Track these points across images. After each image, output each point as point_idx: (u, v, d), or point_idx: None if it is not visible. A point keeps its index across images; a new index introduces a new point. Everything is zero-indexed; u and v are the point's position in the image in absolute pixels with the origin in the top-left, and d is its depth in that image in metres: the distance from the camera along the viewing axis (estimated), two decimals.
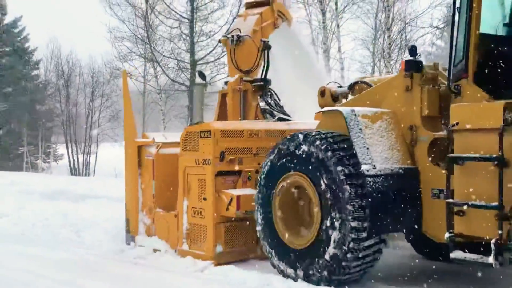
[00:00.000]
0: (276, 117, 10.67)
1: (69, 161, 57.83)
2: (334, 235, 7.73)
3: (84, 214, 14.51)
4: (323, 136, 8.00)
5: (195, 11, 36.61)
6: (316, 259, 7.96)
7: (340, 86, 9.83)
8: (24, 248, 11.07)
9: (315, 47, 38.27)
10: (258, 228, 8.83)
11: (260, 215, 8.79)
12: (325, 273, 7.88)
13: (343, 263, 7.74)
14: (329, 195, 7.78)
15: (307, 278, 8.08)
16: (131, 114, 11.15)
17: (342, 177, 7.64)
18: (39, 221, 13.91)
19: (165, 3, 36.82)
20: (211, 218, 9.42)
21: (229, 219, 9.47)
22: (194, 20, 36.83)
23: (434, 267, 9.11)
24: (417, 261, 9.61)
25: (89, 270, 9.36)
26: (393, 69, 30.80)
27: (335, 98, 9.68)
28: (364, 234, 7.62)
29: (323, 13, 35.81)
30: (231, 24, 35.25)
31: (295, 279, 8.22)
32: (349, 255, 7.68)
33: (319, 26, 36.62)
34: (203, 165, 9.53)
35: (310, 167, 8.01)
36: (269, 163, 8.65)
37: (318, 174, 7.91)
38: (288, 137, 8.44)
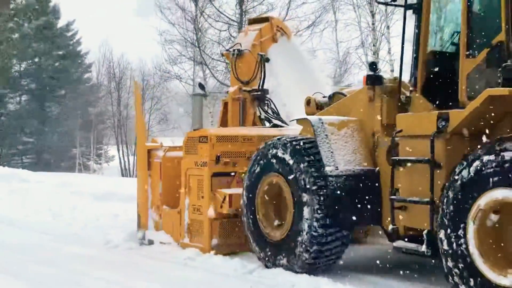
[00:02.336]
0: (271, 124, 11.76)
1: (120, 163, 59.38)
2: (304, 228, 8.87)
3: (134, 216, 14.49)
4: (293, 141, 9.18)
5: (244, 14, 37.24)
6: (290, 250, 9.11)
7: (324, 96, 10.88)
8: (77, 249, 11.51)
9: (364, 48, 39.01)
10: (245, 223, 9.99)
11: (246, 212, 9.95)
12: (297, 262, 9.03)
13: (312, 254, 8.88)
14: (299, 192, 8.93)
15: (284, 266, 9.22)
16: (143, 121, 12.47)
17: (309, 177, 8.80)
18: (91, 221, 14.48)
19: (214, 7, 37.44)
20: (208, 215, 10.57)
21: (223, 215, 10.58)
22: (243, 23, 37.34)
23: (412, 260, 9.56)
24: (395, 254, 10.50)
25: (140, 271, 9.66)
26: None
27: (320, 107, 10.70)
28: (328, 228, 8.76)
29: (373, 15, 36.17)
30: None
31: (275, 267, 9.34)
32: (316, 247, 8.83)
33: (368, 28, 37.08)
34: (201, 166, 10.70)
35: (284, 168, 9.18)
36: (252, 165, 9.83)
37: (290, 174, 9.08)
38: (267, 141, 9.60)
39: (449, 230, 7.19)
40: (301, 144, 9.11)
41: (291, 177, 9.07)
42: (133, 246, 11.67)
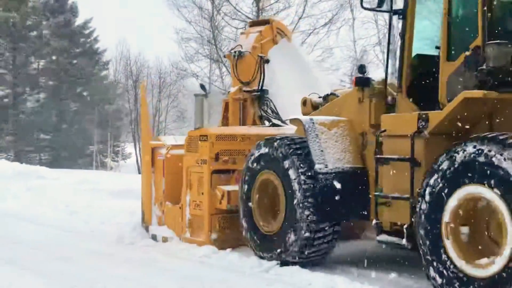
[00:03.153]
0: (270, 123, 12.19)
1: (137, 160, 59.60)
2: (295, 223, 9.34)
3: None
4: (286, 140, 9.67)
5: (260, 11, 37.27)
6: (283, 243, 9.57)
7: (320, 97, 11.28)
8: (94, 245, 11.69)
9: (381, 46, 39.18)
10: (241, 218, 10.46)
11: (243, 207, 10.42)
12: (289, 254, 9.51)
13: (303, 247, 9.36)
14: (290, 189, 9.41)
15: (277, 259, 9.68)
16: (147, 120, 12.97)
17: (300, 174, 9.28)
18: (108, 218, 14.58)
19: (231, 4, 38.19)
20: (207, 210, 11.04)
21: (222, 211, 11.02)
22: None
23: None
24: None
25: (157, 269, 9.78)
26: None
27: (315, 107, 11.10)
28: (318, 223, 9.23)
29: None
30: (296, 24, 36.35)
31: (269, 260, 9.79)
32: (306, 240, 9.31)
33: (386, 26, 37.32)
34: (201, 164, 11.15)
35: (277, 166, 9.66)
36: (248, 163, 10.29)
37: (282, 172, 9.56)
38: (262, 140, 10.05)
39: (435, 263, 7.52)
40: (291, 143, 9.62)
41: (282, 174, 9.57)
42: (150, 243, 11.92)
